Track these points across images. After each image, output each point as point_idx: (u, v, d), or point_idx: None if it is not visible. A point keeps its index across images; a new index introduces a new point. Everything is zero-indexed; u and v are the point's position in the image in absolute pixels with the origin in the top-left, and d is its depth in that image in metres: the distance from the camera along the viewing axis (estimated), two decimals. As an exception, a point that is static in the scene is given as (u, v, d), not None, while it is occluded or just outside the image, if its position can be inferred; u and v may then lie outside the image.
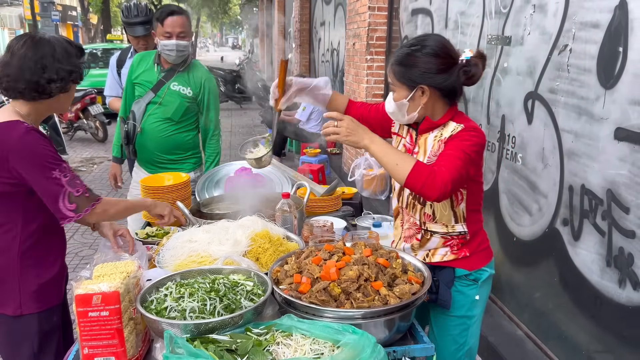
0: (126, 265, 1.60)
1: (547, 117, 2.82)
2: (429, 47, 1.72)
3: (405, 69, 1.73)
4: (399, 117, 1.85)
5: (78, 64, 1.80)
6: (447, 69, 1.72)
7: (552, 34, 2.77)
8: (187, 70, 3.06)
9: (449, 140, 1.73)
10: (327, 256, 1.68)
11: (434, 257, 1.89)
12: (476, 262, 1.89)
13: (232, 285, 1.61)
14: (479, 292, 1.90)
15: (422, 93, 1.74)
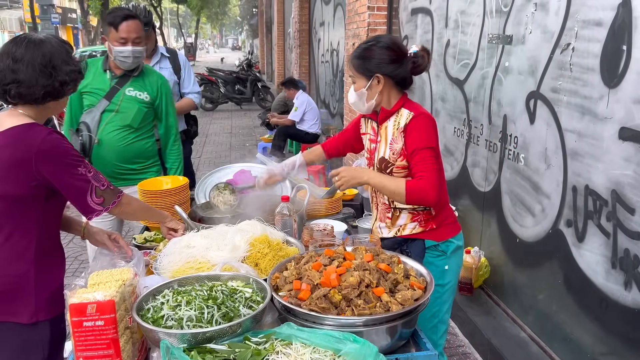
0: (122, 272, 1.56)
1: (550, 117, 2.78)
2: (383, 42, 2.01)
3: (363, 61, 2.00)
4: (360, 107, 2.09)
5: (77, 62, 1.77)
6: (398, 60, 1.99)
7: (554, 32, 2.74)
8: (142, 75, 2.95)
9: (407, 131, 1.99)
10: (328, 262, 1.65)
11: (404, 231, 2.13)
12: (443, 233, 2.11)
13: (230, 292, 1.58)
14: (447, 262, 2.12)
15: (377, 82, 2.00)
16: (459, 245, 2.16)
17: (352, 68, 2.05)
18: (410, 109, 2.02)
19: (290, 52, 13.77)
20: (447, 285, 2.14)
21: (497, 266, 3.46)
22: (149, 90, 2.94)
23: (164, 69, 3.65)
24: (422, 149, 1.95)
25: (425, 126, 1.98)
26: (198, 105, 3.90)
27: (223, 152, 9.17)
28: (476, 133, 3.64)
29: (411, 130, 1.97)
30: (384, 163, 2.06)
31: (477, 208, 3.66)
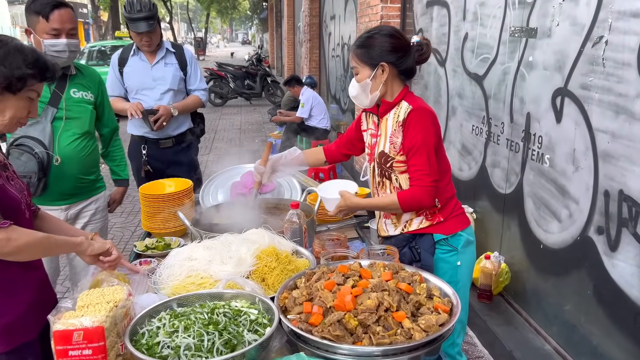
0: (114, 292, 1.42)
1: (579, 116, 2.59)
2: (385, 30, 1.99)
3: (367, 49, 1.96)
4: (362, 99, 2.02)
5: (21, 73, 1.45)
6: (403, 48, 1.96)
7: (584, 24, 2.54)
8: (80, 73, 2.60)
9: (405, 125, 1.94)
10: (342, 280, 1.49)
11: (411, 226, 2.07)
12: (452, 226, 2.05)
13: (234, 314, 1.42)
14: (459, 258, 2.05)
15: (382, 71, 1.95)
16: (469, 239, 2.09)
17: (356, 58, 1.99)
18: (409, 101, 1.98)
19: (300, 47, 13.58)
20: (461, 282, 2.06)
21: (518, 272, 3.27)
22: (92, 89, 2.61)
23: (170, 65, 3.51)
24: (418, 149, 1.91)
25: (423, 121, 1.92)
26: (205, 102, 3.74)
27: (233, 149, 9.03)
28: (496, 132, 3.45)
29: (408, 125, 1.93)
30: (384, 157, 2.02)
31: (497, 211, 3.47)
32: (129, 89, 3.50)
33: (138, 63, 3.45)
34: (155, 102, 3.43)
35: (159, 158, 3.49)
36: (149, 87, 3.46)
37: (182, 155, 3.59)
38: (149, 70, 3.45)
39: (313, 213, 2.34)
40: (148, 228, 2.52)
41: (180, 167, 3.47)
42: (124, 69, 3.48)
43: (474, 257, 2.17)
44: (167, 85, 3.46)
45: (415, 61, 2.01)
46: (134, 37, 3.38)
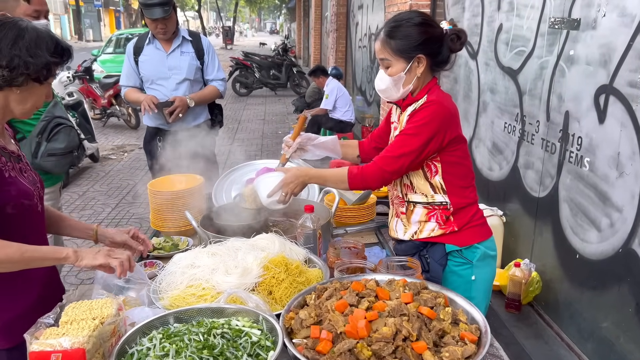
0: (103, 306, 1.28)
1: (625, 116, 2.35)
2: (416, 18, 1.77)
3: (401, 41, 1.75)
4: (392, 93, 1.83)
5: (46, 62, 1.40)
6: (438, 38, 1.77)
7: (634, 15, 2.29)
8: None
9: (411, 114, 1.79)
10: (355, 300, 1.32)
11: (422, 233, 1.87)
12: (467, 237, 1.85)
13: (233, 335, 1.27)
14: (474, 272, 1.85)
15: (418, 63, 1.77)
16: (487, 253, 1.86)
17: (388, 49, 1.77)
18: (429, 95, 1.79)
19: (327, 37, 13.35)
20: (475, 300, 1.75)
21: (550, 282, 3.05)
22: None
23: (186, 54, 3.40)
24: (405, 132, 1.76)
25: (431, 115, 1.73)
26: (223, 93, 3.59)
27: (255, 140, 8.92)
28: (531, 130, 3.22)
29: (413, 115, 1.78)
30: None
31: (529, 215, 3.25)
32: (144, 79, 3.40)
33: (153, 52, 3.35)
34: (170, 93, 3.34)
35: (171, 150, 3.36)
36: (164, 76, 3.36)
37: (199, 148, 3.46)
38: (165, 59, 3.35)
39: (330, 216, 2.18)
40: (157, 226, 2.39)
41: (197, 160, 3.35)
42: (139, 57, 3.38)
43: (493, 272, 1.95)
44: (183, 74, 3.36)
45: (449, 50, 1.80)
46: (149, 24, 3.27)
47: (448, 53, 1.80)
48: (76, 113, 6.82)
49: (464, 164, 1.85)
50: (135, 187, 6.19)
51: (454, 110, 1.79)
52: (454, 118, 1.79)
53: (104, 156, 7.65)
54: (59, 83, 7.10)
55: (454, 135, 1.77)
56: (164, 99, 3.32)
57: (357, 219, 2.47)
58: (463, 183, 1.85)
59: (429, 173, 1.82)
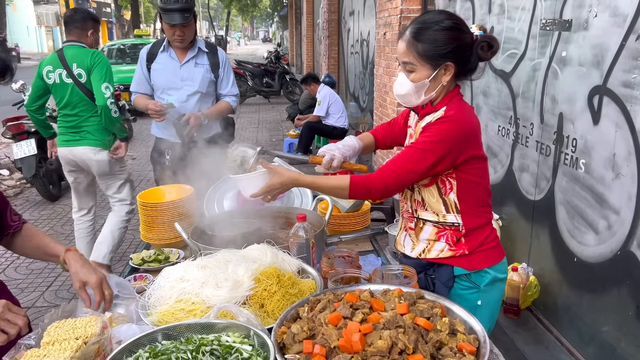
0: (87, 325, 1.23)
1: (620, 117, 2.33)
2: (449, 21, 1.60)
3: (430, 46, 1.59)
4: (411, 100, 1.70)
5: None
6: (469, 44, 1.61)
7: (626, 15, 2.28)
8: None
9: (425, 126, 1.67)
10: (349, 312, 1.28)
11: (430, 253, 1.76)
12: (477, 261, 1.73)
13: (223, 352, 1.22)
14: (480, 297, 1.74)
15: (444, 70, 1.63)
16: (497, 277, 1.74)
17: (414, 53, 1.60)
18: (448, 107, 1.64)
19: (319, 44, 13.36)
20: None
21: (548, 286, 3.02)
22: None
23: (201, 66, 3.27)
24: (415, 145, 1.63)
25: (447, 131, 1.60)
26: (235, 109, 3.48)
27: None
28: (525, 133, 3.19)
29: (426, 128, 1.64)
30: None
31: (526, 218, 3.22)
32: (155, 87, 3.29)
33: (167, 60, 3.24)
34: (180, 104, 3.21)
35: (178, 163, 3.20)
36: (175, 86, 3.24)
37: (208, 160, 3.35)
38: (178, 69, 3.23)
39: (323, 224, 2.14)
40: (147, 239, 2.34)
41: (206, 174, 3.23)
42: (152, 65, 3.26)
43: (500, 296, 1.82)
44: (195, 86, 3.24)
45: (478, 59, 1.64)
46: (167, 29, 3.14)
47: (477, 61, 1.64)
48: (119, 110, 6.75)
49: (481, 184, 1.72)
50: (128, 198, 6.12)
51: (473, 128, 1.65)
52: (472, 136, 1.64)
53: (97, 167, 7.57)
54: (49, 95, 7.02)
55: (470, 154, 1.64)
56: (176, 110, 3.17)
57: (351, 226, 2.42)
58: (479, 203, 1.73)
59: (444, 189, 1.70)
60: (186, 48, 3.22)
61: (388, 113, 5.41)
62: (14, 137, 5.73)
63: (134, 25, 25.38)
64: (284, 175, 1.72)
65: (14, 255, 4.53)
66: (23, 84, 6.97)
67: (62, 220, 5.41)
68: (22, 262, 4.44)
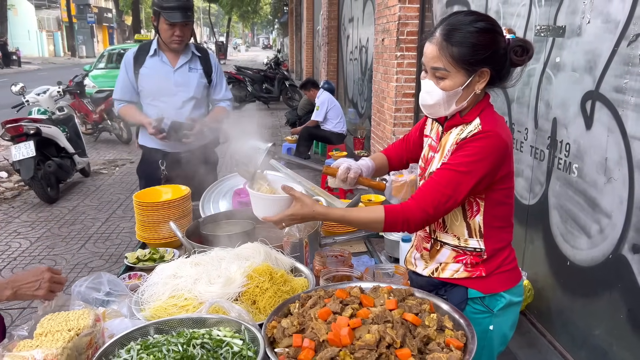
0: (79, 317, 1.25)
1: (612, 121, 2.36)
2: (483, 22, 1.45)
3: (466, 49, 1.43)
4: (440, 110, 1.55)
5: None
6: (505, 48, 1.47)
7: (619, 21, 2.31)
8: None
9: (461, 143, 1.50)
10: (339, 308, 1.30)
11: (444, 272, 1.62)
12: (493, 284, 1.59)
13: (214, 345, 1.24)
14: (493, 322, 1.61)
15: (479, 77, 1.49)
16: (512, 301, 1.61)
17: (447, 57, 1.45)
18: (483, 120, 1.50)
19: (319, 50, 13.43)
20: (487, 348, 1.62)
21: (542, 290, 3.03)
22: None
23: (195, 70, 3.14)
24: (454, 168, 1.46)
25: (487, 150, 1.45)
26: (230, 113, 3.35)
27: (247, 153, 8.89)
28: (520, 138, 3.22)
29: (465, 146, 1.48)
30: None
31: (520, 223, 3.23)
32: (144, 93, 3.11)
33: (158, 65, 3.07)
34: (175, 111, 3.05)
35: (179, 173, 3.04)
36: (169, 93, 3.07)
37: (205, 168, 3.17)
38: (171, 74, 3.07)
39: (317, 226, 2.16)
40: (142, 238, 2.36)
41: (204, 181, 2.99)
42: (141, 69, 3.07)
43: (515, 319, 1.68)
44: (190, 92, 3.09)
45: (511, 64, 1.51)
46: (165, 30, 2.97)
47: (510, 67, 1.51)
48: (66, 128, 6.79)
49: (508, 203, 1.60)
50: (125, 202, 6.15)
51: (510, 141, 1.52)
52: (509, 152, 1.51)
53: (95, 171, 7.60)
54: (49, 98, 7.07)
55: (506, 171, 1.52)
56: (168, 117, 3.00)
57: (346, 228, 2.44)
58: (503, 223, 1.61)
59: (470, 212, 1.57)
60: (179, 52, 3.08)
61: (386, 119, 5.44)
62: (13, 139, 5.75)
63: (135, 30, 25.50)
64: (310, 208, 1.52)
65: (11, 257, 4.54)
66: (23, 86, 7.04)
67: (60, 223, 5.43)
68: (19, 263, 4.46)
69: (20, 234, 5.12)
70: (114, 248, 4.78)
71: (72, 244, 4.86)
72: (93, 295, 1.59)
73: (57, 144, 6.27)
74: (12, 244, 4.88)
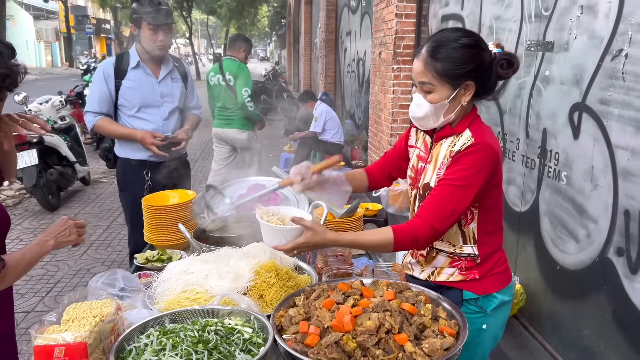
0: (102, 306, 1.35)
1: (597, 131, 2.49)
2: (467, 38, 1.55)
3: (450, 64, 1.53)
4: (429, 123, 1.64)
5: (11, 67, 1.41)
6: (489, 62, 1.56)
7: (603, 37, 2.45)
8: None
9: (456, 157, 1.57)
10: (341, 299, 1.41)
11: (440, 276, 1.71)
12: (487, 286, 1.69)
13: (226, 332, 1.35)
14: (486, 321, 1.70)
15: (465, 90, 1.57)
16: (504, 300, 1.71)
17: (432, 72, 1.55)
18: (474, 132, 1.58)
19: (316, 62, 13.62)
20: (480, 346, 1.72)
21: (533, 294, 3.14)
22: None
23: (176, 80, 3.21)
24: (452, 183, 1.54)
25: (481, 162, 1.54)
26: None
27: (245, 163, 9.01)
28: (512, 148, 3.35)
29: (460, 159, 1.55)
30: (428, 191, 1.64)
31: (512, 229, 3.36)
32: (126, 106, 3.08)
33: (141, 77, 3.08)
34: (162, 122, 3.13)
35: (160, 182, 3.12)
36: (154, 104, 3.11)
37: (184, 174, 3.32)
38: (156, 86, 3.11)
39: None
40: (151, 240, 2.46)
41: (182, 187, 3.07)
42: (124, 81, 3.06)
43: (505, 318, 1.78)
44: (175, 102, 3.17)
45: (497, 77, 1.59)
46: (149, 36, 2.98)
47: (496, 80, 1.59)
48: (68, 137, 6.89)
49: (498, 208, 1.70)
50: (126, 209, 6.23)
51: (500, 150, 1.60)
52: (500, 159, 1.61)
53: (95, 179, 7.69)
54: (51, 107, 7.19)
55: (498, 179, 1.62)
56: (156, 129, 3.09)
57: (345, 231, 2.55)
58: (494, 228, 1.70)
59: (464, 221, 1.66)
60: (159, 62, 3.11)
61: (383, 129, 5.58)
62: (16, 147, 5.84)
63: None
64: (322, 236, 1.56)
65: (14, 262, 4.61)
66: (26, 95, 7.14)
67: (62, 229, 5.50)
68: (22, 268, 4.52)
69: (23, 240, 5.20)
70: (116, 254, 4.87)
71: (74, 251, 4.93)
72: (108, 290, 1.69)
73: (59, 152, 6.37)
74: (14, 250, 4.95)
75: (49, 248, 1.55)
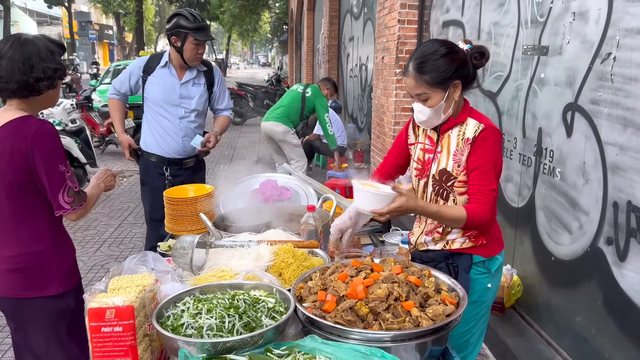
0: (143, 278, 1.53)
1: (589, 130, 2.66)
2: (443, 48, 1.83)
3: (435, 74, 1.82)
4: (433, 122, 1.92)
5: (61, 61, 1.91)
6: (465, 60, 1.85)
7: (594, 42, 2.63)
8: None
9: (475, 143, 1.86)
10: (354, 273, 1.58)
11: (454, 245, 2.00)
12: (492, 249, 2.01)
13: (252, 301, 1.52)
14: (491, 280, 2.01)
15: (454, 88, 1.85)
16: (501, 262, 2.05)
17: (424, 84, 1.83)
18: (478, 119, 1.89)
19: (318, 68, 13.82)
20: (486, 302, 2.04)
21: (530, 285, 3.31)
22: None
23: (198, 85, 3.45)
24: (485, 165, 1.84)
25: (494, 142, 1.86)
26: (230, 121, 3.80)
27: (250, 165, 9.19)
28: (509, 147, 3.53)
29: (479, 144, 1.85)
30: (445, 175, 1.92)
31: (510, 224, 3.53)
32: (149, 99, 3.41)
33: (166, 76, 3.37)
34: (178, 120, 3.39)
35: (179, 179, 3.39)
36: (172, 103, 3.38)
37: (200, 173, 3.61)
38: (177, 87, 3.37)
39: (328, 219, 2.44)
40: (172, 230, 2.63)
41: None
42: (149, 77, 3.38)
43: (500, 278, 2.11)
44: (192, 105, 3.42)
45: (474, 68, 1.89)
46: (191, 50, 3.27)
47: (475, 71, 1.88)
48: (79, 139, 7.08)
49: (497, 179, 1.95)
50: (135, 209, 6.41)
51: None
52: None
53: (104, 181, 7.86)
54: (62, 110, 7.38)
55: None
56: (170, 126, 3.38)
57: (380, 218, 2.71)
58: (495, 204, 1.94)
59: None
60: (185, 68, 3.38)
61: (385, 132, 5.76)
62: None
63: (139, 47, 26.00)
64: (415, 202, 1.77)
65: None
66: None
67: (74, 228, 5.68)
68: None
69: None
70: (128, 251, 5.04)
71: (88, 248, 5.11)
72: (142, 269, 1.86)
73: (71, 154, 6.55)
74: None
75: (102, 189, 2.16)
